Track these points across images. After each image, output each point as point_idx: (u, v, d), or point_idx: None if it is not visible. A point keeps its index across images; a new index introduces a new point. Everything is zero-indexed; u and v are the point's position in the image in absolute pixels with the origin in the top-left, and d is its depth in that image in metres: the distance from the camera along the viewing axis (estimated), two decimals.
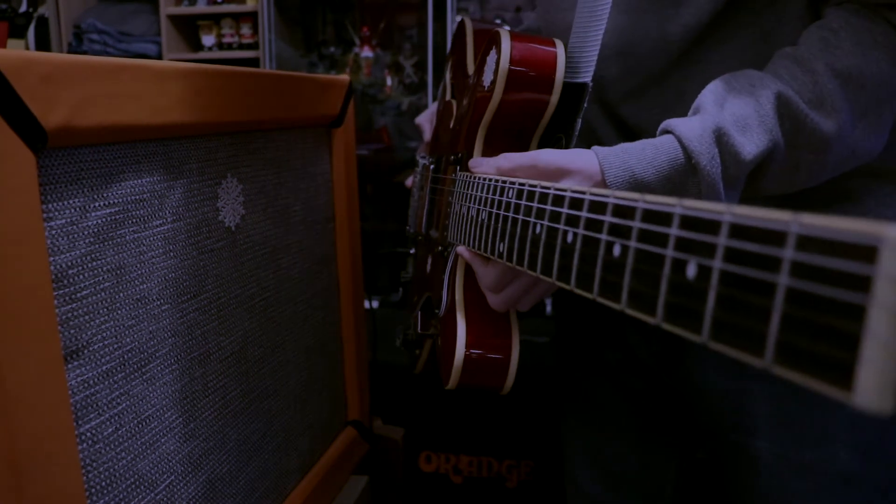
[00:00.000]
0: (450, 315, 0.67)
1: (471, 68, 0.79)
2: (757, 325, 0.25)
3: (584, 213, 0.39)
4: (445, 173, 0.77)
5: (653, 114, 0.66)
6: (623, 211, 0.34)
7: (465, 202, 0.63)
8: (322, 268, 0.95)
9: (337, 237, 0.98)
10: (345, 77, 0.96)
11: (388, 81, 2.54)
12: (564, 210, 0.41)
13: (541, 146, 0.66)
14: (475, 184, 0.61)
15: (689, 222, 0.29)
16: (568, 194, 0.41)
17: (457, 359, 0.63)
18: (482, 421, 1.34)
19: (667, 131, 0.56)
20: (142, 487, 0.59)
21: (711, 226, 0.27)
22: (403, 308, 0.92)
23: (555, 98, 0.61)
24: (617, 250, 0.34)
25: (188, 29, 2.72)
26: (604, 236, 0.36)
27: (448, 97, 0.86)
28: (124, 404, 0.56)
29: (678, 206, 0.30)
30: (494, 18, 2.47)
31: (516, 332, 0.64)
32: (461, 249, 0.63)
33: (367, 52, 2.58)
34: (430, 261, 0.80)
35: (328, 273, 0.97)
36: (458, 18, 2.37)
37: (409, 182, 1.01)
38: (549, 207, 0.43)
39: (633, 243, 0.33)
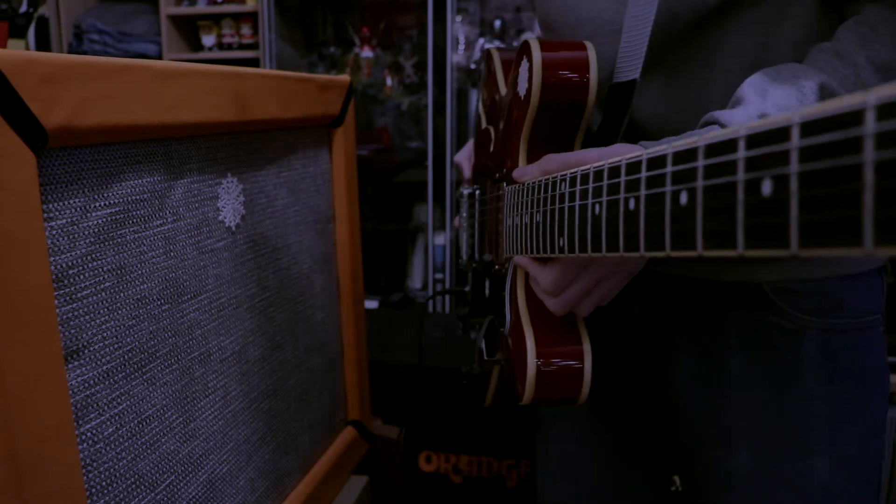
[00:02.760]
0: (516, 330, 0.66)
1: (503, 91, 0.79)
2: (849, 212, 0.24)
3: (643, 174, 0.38)
4: (492, 193, 0.77)
5: (657, 106, 0.66)
6: (683, 156, 0.34)
7: (517, 211, 0.63)
8: (322, 268, 0.95)
9: (337, 237, 0.98)
10: (345, 77, 0.96)
11: (388, 81, 2.54)
12: (622, 178, 0.40)
13: (588, 146, 0.66)
14: (523, 191, 0.61)
15: (755, 140, 0.29)
16: (624, 161, 0.41)
17: (529, 371, 0.62)
18: (482, 421, 1.35)
19: (710, 122, 0.55)
20: (142, 487, 0.59)
21: (780, 134, 0.27)
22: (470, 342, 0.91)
23: (591, 98, 0.62)
24: (684, 198, 0.34)
25: (188, 29, 2.72)
26: (668, 188, 0.35)
27: (483, 125, 0.86)
28: (124, 404, 0.56)
29: (742, 129, 0.30)
30: (494, 19, 2.47)
31: (586, 338, 0.63)
32: (518, 258, 0.62)
33: (367, 52, 2.58)
34: (487, 284, 0.80)
35: (328, 273, 0.97)
36: (483, 45, 2.38)
37: (456, 221, 0.99)
38: (605, 182, 0.43)
39: (699, 182, 0.33)
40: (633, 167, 0.39)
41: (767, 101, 0.54)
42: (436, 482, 1.39)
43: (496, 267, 0.74)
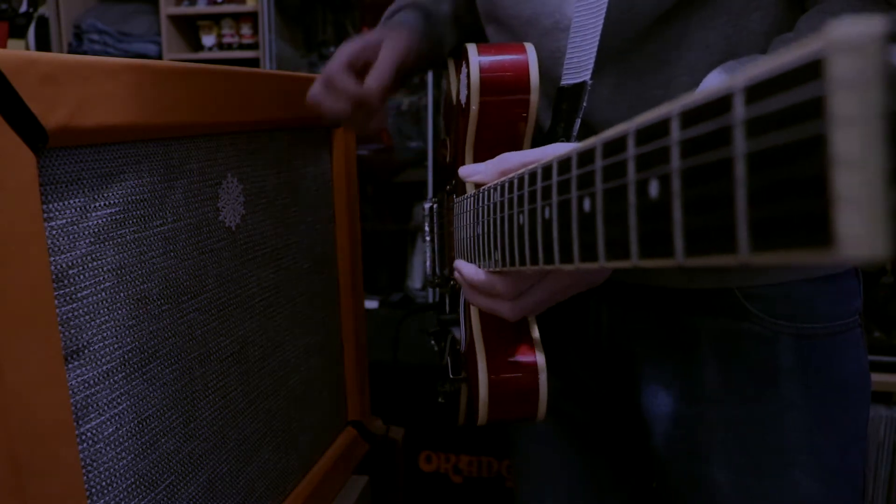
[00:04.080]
0: (470, 348, 0.64)
1: (454, 98, 0.78)
2: (724, 214, 0.21)
3: (553, 179, 0.35)
4: (447, 206, 0.74)
5: (617, 108, 0.63)
6: (584, 158, 0.31)
7: (462, 223, 0.61)
8: (322, 268, 0.95)
9: (337, 237, 0.98)
10: None
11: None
12: (538, 185, 0.37)
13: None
14: (468, 202, 0.58)
15: (642, 136, 0.25)
16: (539, 167, 0.37)
17: (481, 391, 0.59)
18: None
19: None
20: (142, 487, 0.59)
21: (662, 127, 0.24)
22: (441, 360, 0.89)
23: (533, 104, 0.60)
24: (587, 204, 0.31)
25: (188, 29, 2.72)
26: (574, 193, 0.32)
27: (442, 137, 0.85)
28: (125, 404, 0.56)
29: (633, 124, 0.26)
30: None
31: (541, 353, 0.60)
32: (462, 264, 0.57)
33: None
34: (447, 301, 0.78)
35: (328, 273, 0.97)
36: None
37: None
38: (526, 190, 0.40)
39: (598, 186, 0.29)
40: (546, 172, 0.36)
41: None
42: (436, 482, 1.39)
43: (452, 282, 0.71)
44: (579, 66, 0.60)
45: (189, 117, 0.61)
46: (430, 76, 2.35)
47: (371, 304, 2.41)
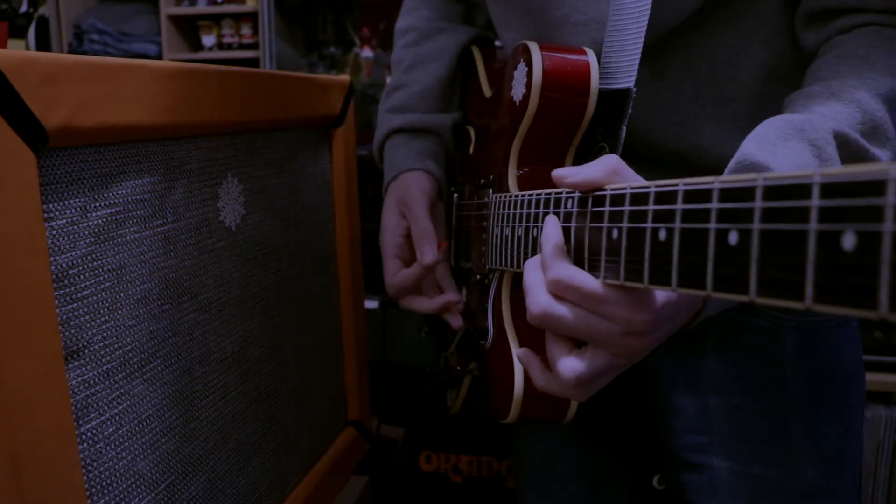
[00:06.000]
0: (499, 344, 0.63)
1: (487, 90, 0.77)
2: (795, 274, 0.28)
3: (626, 208, 0.40)
4: (474, 199, 0.74)
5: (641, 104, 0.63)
6: (664, 197, 0.37)
7: (509, 222, 0.60)
8: (322, 268, 0.95)
9: (337, 237, 0.98)
10: (345, 77, 0.96)
11: (388, 81, 2.54)
12: (650, 207, 0.39)
13: (580, 158, 0.63)
14: (517, 202, 0.58)
15: (726, 194, 0.32)
16: (609, 192, 0.42)
17: (517, 391, 0.59)
18: (482, 421, 1.35)
19: (745, 161, 0.49)
20: (142, 487, 0.59)
21: (747, 193, 0.30)
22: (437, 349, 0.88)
23: (591, 106, 0.59)
24: (663, 234, 0.36)
25: (188, 29, 2.72)
26: (649, 224, 0.38)
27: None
28: (125, 404, 0.56)
29: (716, 181, 0.33)
30: None
31: None
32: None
33: (367, 53, 2.58)
34: (464, 292, 0.77)
35: (328, 273, 0.97)
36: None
37: None
38: (626, 208, 0.41)
39: (677, 224, 0.35)
40: (618, 200, 0.41)
41: (779, 160, 0.47)
42: (436, 482, 1.39)
43: (477, 277, 0.71)
44: (617, 71, 0.60)
45: (189, 117, 0.61)
46: None
47: (371, 304, 2.41)
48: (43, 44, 2.66)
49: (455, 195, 0.83)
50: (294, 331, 0.87)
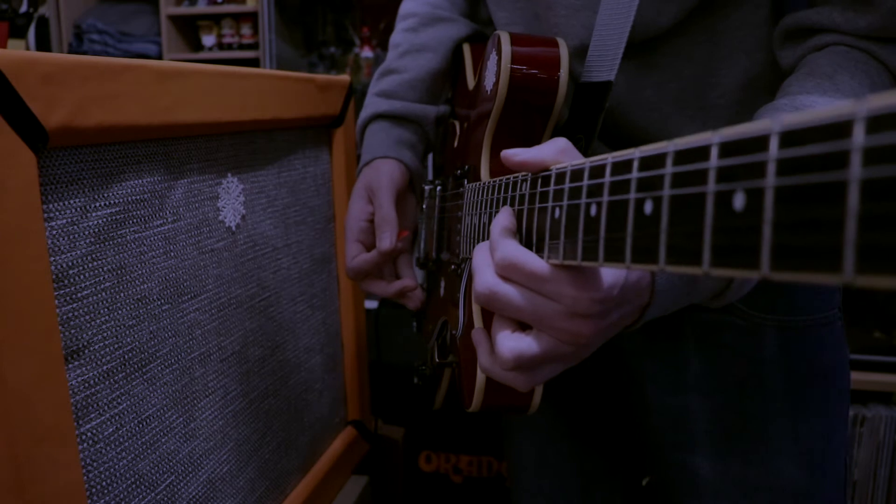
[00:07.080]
0: (468, 333, 0.63)
1: (471, 84, 0.78)
2: (829, 236, 0.22)
3: (606, 179, 0.35)
4: (453, 190, 0.75)
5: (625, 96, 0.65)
6: (651, 161, 0.32)
7: (477, 210, 0.61)
8: (322, 268, 0.95)
9: (337, 237, 0.98)
10: (345, 77, 0.96)
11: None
12: (585, 183, 0.37)
13: None
14: (485, 189, 0.58)
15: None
16: (587, 164, 0.37)
17: (479, 376, 0.58)
18: (482, 421, 1.35)
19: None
20: (142, 487, 0.59)
21: (758, 143, 0.25)
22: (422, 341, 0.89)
23: (560, 97, 0.60)
24: (649, 206, 0.31)
25: (188, 29, 2.72)
26: (632, 195, 0.32)
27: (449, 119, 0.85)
28: (125, 404, 0.56)
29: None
30: None
31: None
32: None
33: (367, 53, 2.58)
34: (443, 284, 0.78)
35: (328, 273, 0.97)
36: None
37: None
38: (567, 186, 0.39)
39: (666, 191, 0.30)
40: (597, 171, 0.36)
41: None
42: (436, 482, 1.39)
43: (452, 267, 0.71)
44: (601, 64, 0.61)
45: (189, 117, 0.61)
46: None
47: (371, 304, 2.41)
48: (43, 44, 2.66)
49: (439, 188, 0.83)
50: (294, 331, 0.87)
